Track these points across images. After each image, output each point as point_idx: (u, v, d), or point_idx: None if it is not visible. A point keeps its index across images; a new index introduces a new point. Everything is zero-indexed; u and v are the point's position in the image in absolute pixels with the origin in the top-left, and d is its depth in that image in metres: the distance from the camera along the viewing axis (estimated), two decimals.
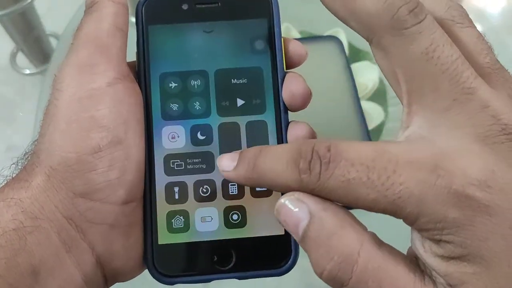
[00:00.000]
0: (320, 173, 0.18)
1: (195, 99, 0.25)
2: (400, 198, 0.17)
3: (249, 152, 0.21)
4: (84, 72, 0.23)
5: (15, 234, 0.21)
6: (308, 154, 0.18)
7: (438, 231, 0.17)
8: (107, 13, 0.24)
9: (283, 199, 0.19)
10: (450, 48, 0.18)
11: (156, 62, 0.26)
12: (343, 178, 0.18)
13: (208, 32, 0.26)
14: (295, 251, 0.25)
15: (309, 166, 0.18)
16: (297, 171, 0.19)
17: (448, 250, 0.17)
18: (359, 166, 0.18)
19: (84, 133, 0.22)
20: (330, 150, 0.18)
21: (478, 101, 0.18)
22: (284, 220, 0.19)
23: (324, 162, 0.18)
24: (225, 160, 0.21)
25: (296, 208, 0.19)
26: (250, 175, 0.20)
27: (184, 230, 0.25)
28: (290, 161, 0.19)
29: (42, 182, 0.22)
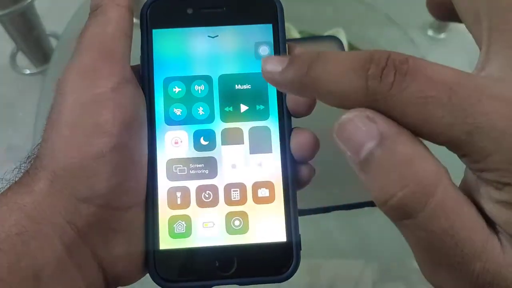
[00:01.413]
0: (393, 83, 0.16)
1: (199, 104, 0.25)
2: (478, 128, 0.15)
3: (304, 55, 0.18)
4: (88, 77, 0.23)
5: (18, 239, 0.21)
6: (382, 61, 0.16)
7: (509, 173, 0.16)
8: (112, 17, 0.24)
9: (350, 114, 0.17)
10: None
11: (160, 66, 0.25)
12: (421, 94, 0.16)
13: (213, 37, 0.26)
14: (296, 258, 0.25)
15: (381, 73, 0.16)
16: (364, 77, 0.16)
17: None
18: (441, 85, 0.16)
19: (87, 138, 0.22)
20: (408, 62, 0.16)
21: None
22: (347, 138, 0.17)
23: (400, 72, 0.16)
24: (272, 61, 0.19)
25: (364, 127, 0.16)
26: (302, 80, 0.18)
27: (186, 236, 0.25)
28: (358, 65, 0.16)
29: (45, 187, 0.22)
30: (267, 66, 0.19)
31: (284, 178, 0.25)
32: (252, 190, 0.25)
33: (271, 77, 0.19)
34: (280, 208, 0.25)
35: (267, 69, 0.19)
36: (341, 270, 0.61)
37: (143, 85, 0.25)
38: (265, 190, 0.25)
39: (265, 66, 0.19)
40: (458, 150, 0.16)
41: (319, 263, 0.60)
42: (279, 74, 0.19)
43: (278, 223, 0.25)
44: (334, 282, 0.60)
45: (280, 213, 0.25)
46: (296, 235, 0.25)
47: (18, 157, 0.25)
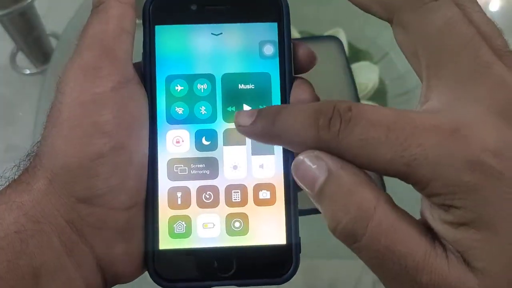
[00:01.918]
0: (339, 130, 0.18)
1: (201, 103, 0.25)
2: (415, 160, 0.17)
3: (269, 109, 0.21)
4: (88, 75, 0.23)
5: (17, 237, 0.21)
6: (329, 112, 0.19)
7: (450, 196, 0.17)
8: (113, 14, 0.24)
9: (301, 156, 0.20)
10: (467, 26, 0.19)
11: (162, 64, 0.25)
12: (362, 136, 0.18)
13: (217, 35, 0.25)
14: (295, 260, 0.25)
15: (329, 123, 0.19)
16: (316, 128, 0.19)
17: (457, 216, 0.17)
18: (379, 126, 0.18)
19: (87, 138, 0.22)
20: (351, 109, 0.18)
21: (495, 76, 0.18)
22: (301, 176, 0.20)
23: (345, 120, 0.18)
24: (243, 115, 0.22)
25: (314, 165, 0.19)
26: (268, 132, 0.21)
27: (186, 236, 0.25)
28: (310, 118, 0.19)
29: (44, 185, 0.22)
30: (239, 120, 0.22)
31: (285, 180, 0.25)
32: (253, 192, 0.25)
33: (243, 130, 0.22)
34: (281, 211, 0.25)
35: (239, 123, 0.22)
36: (341, 270, 0.61)
37: (144, 83, 0.25)
38: (266, 192, 0.25)
39: (237, 120, 0.22)
40: (405, 180, 0.18)
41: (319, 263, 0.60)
42: (250, 128, 0.21)
43: (278, 226, 0.25)
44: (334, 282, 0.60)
45: (281, 216, 0.25)
46: (296, 238, 0.25)
47: (18, 157, 0.25)
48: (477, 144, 0.17)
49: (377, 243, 0.18)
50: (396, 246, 0.18)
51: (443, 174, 0.17)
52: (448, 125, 0.18)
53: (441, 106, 0.19)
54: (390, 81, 0.60)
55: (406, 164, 0.18)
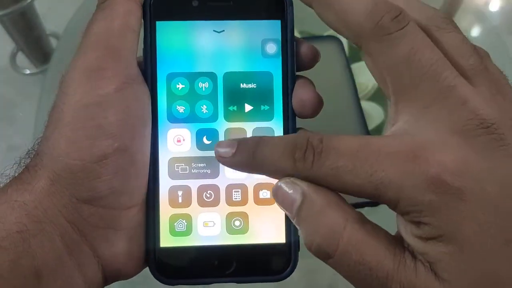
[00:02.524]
0: (312, 162, 0.20)
1: (203, 102, 0.25)
2: (382, 183, 0.19)
3: (248, 141, 0.22)
4: (92, 76, 0.23)
5: (19, 237, 0.21)
6: (303, 145, 0.20)
7: (417, 214, 0.19)
8: (119, 11, 0.24)
9: (279, 183, 0.21)
10: (430, 51, 0.20)
11: (163, 61, 0.25)
12: (332, 165, 0.20)
13: (219, 32, 0.25)
14: (294, 258, 0.25)
15: (304, 156, 0.20)
16: (292, 160, 0.20)
17: (425, 231, 0.19)
18: (346, 155, 0.19)
19: (90, 141, 0.22)
20: (322, 142, 0.20)
21: (457, 97, 0.19)
22: (280, 200, 0.21)
23: (317, 152, 0.20)
24: (224, 146, 0.22)
25: (290, 190, 0.21)
26: (249, 163, 0.22)
27: (186, 234, 0.25)
28: (287, 151, 0.21)
29: (46, 186, 0.22)
30: (219, 151, 0.22)
31: None
32: (254, 191, 0.25)
33: (225, 161, 0.22)
34: (281, 210, 0.25)
35: (220, 154, 0.22)
36: None
37: (145, 80, 0.25)
38: (267, 192, 0.25)
39: (218, 151, 0.22)
40: (377, 201, 0.19)
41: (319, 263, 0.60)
42: (231, 159, 0.22)
43: (277, 225, 0.25)
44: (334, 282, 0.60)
45: (281, 215, 0.25)
46: (295, 236, 0.25)
47: (18, 157, 0.25)
48: (437, 165, 0.18)
49: (349, 258, 0.19)
50: (366, 259, 0.19)
51: (407, 195, 0.19)
52: (409, 149, 0.19)
53: (406, 128, 0.20)
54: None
55: (374, 188, 0.19)
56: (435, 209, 0.18)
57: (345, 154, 0.20)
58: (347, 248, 0.20)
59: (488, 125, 0.19)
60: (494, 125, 0.19)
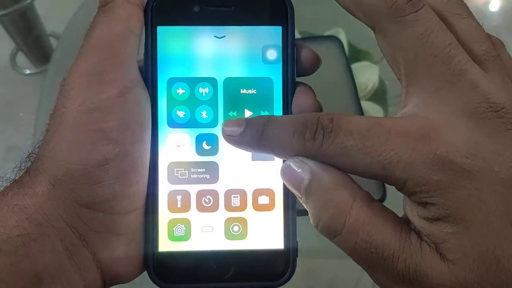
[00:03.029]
0: (322, 141, 0.20)
1: (203, 107, 0.25)
2: (390, 163, 0.19)
3: (257, 119, 0.22)
4: (94, 81, 0.23)
5: (20, 240, 0.21)
6: (314, 125, 0.20)
7: (424, 194, 0.19)
8: (121, 15, 0.23)
9: (288, 161, 0.21)
10: (444, 34, 0.20)
11: (164, 66, 0.25)
12: (342, 145, 0.20)
13: (220, 38, 0.25)
14: (292, 264, 0.25)
15: (314, 136, 0.20)
16: (302, 140, 0.20)
17: (432, 212, 0.19)
18: (356, 134, 0.19)
19: (91, 145, 0.22)
20: (332, 121, 0.20)
21: (468, 81, 0.19)
22: (289, 179, 0.21)
23: (327, 131, 0.20)
24: (231, 125, 0.22)
25: (299, 169, 0.21)
26: (257, 142, 0.22)
27: (185, 239, 0.25)
28: (297, 131, 0.21)
29: (46, 190, 0.22)
30: (227, 129, 0.22)
31: (284, 186, 0.25)
32: (253, 197, 0.25)
33: (232, 140, 0.22)
34: (279, 216, 0.25)
35: (227, 132, 0.22)
36: (341, 270, 0.61)
37: (146, 84, 0.24)
38: (266, 198, 0.25)
39: (225, 129, 0.23)
40: (385, 181, 0.20)
41: (319, 263, 0.60)
42: (239, 138, 0.22)
43: (276, 231, 0.25)
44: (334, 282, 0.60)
45: (279, 221, 0.25)
46: (293, 242, 0.25)
47: (18, 157, 0.25)
48: (446, 146, 0.19)
49: (355, 236, 0.20)
50: (372, 237, 0.19)
51: (415, 174, 0.19)
52: (419, 129, 0.19)
53: (416, 111, 0.20)
54: (390, 81, 0.60)
55: (382, 167, 0.19)
56: (442, 188, 0.18)
57: (355, 133, 0.20)
58: (353, 226, 0.20)
59: (498, 109, 0.19)
60: (504, 109, 0.19)
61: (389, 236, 0.19)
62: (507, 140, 0.19)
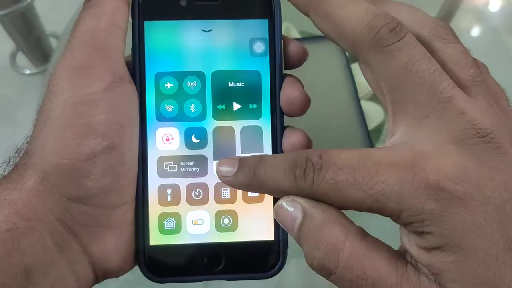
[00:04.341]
0: (313, 178, 0.20)
1: (191, 101, 0.25)
2: (382, 195, 0.19)
3: (249, 161, 0.22)
4: (80, 75, 0.23)
5: (8, 235, 0.21)
6: (303, 163, 0.20)
7: (419, 223, 0.19)
8: (106, 9, 0.23)
9: (280, 202, 0.21)
10: (428, 62, 0.20)
11: (151, 60, 0.25)
12: (333, 181, 0.20)
13: (207, 31, 0.25)
14: (283, 255, 0.25)
15: (304, 173, 0.20)
16: (293, 178, 0.20)
17: (429, 241, 0.19)
18: (346, 169, 0.20)
19: (79, 139, 0.22)
20: (321, 157, 0.20)
21: (454, 108, 0.19)
22: (282, 220, 0.21)
23: (317, 168, 0.20)
24: (225, 165, 0.22)
25: (291, 208, 0.21)
26: (250, 183, 0.22)
27: (176, 232, 0.25)
28: (287, 170, 0.21)
29: (35, 184, 0.22)
30: (220, 170, 0.22)
31: None
32: None
33: (226, 180, 0.22)
34: (269, 207, 0.25)
35: (221, 173, 0.22)
36: None
37: (134, 79, 0.25)
38: None
39: (219, 170, 0.23)
40: (380, 214, 0.20)
41: None
42: (233, 178, 0.22)
43: (266, 222, 0.25)
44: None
45: (269, 212, 0.25)
46: (284, 234, 0.25)
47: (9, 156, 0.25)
48: (436, 174, 0.19)
49: (350, 273, 0.19)
50: (367, 273, 0.19)
51: (409, 205, 0.19)
52: (408, 158, 0.19)
53: (405, 139, 0.20)
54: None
55: (375, 200, 0.19)
56: (436, 217, 0.18)
57: (344, 167, 0.20)
58: (348, 263, 0.19)
59: (484, 135, 0.19)
60: (491, 134, 0.19)
61: (386, 270, 0.19)
62: (496, 164, 0.19)
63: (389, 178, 0.19)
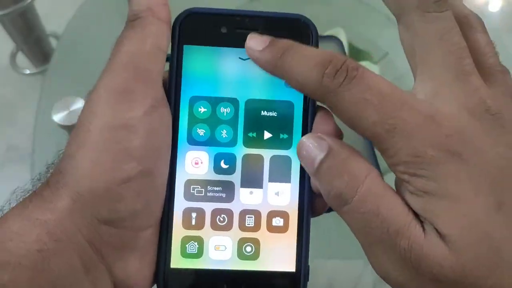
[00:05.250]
0: (342, 83, 0.20)
1: (223, 126, 0.25)
2: (395, 129, 0.20)
3: (281, 42, 0.22)
4: (121, 98, 0.22)
5: (39, 256, 0.21)
6: (338, 64, 0.20)
7: (414, 165, 0.20)
8: (151, 31, 0.23)
9: (306, 137, 0.22)
10: (459, 37, 0.21)
11: (187, 84, 0.25)
12: (360, 95, 0.20)
13: (244, 60, 0.25)
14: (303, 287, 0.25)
15: (335, 74, 0.20)
16: (321, 73, 0.20)
17: (420, 184, 0.20)
18: (376, 92, 0.20)
19: (116, 164, 0.22)
20: (358, 70, 0.20)
21: (472, 83, 0.21)
22: (304, 155, 0.22)
23: (350, 76, 0.20)
24: (255, 40, 0.22)
25: (316, 144, 0.22)
26: (275, 62, 0.22)
27: (197, 256, 0.25)
28: (319, 63, 0.21)
29: (68, 205, 0.22)
30: (250, 42, 0.22)
31: (300, 209, 0.25)
32: (267, 218, 0.25)
33: (252, 53, 0.23)
34: (293, 239, 0.25)
35: (250, 45, 0.22)
36: (341, 270, 0.61)
37: (168, 101, 0.24)
38: (280, 220, 0.25)
39: (249, 42, 0.23)
40: (380, 144, 0.20)
41: (319, 263, 0.60)
42: (259, 53, 0.22)
43: (289, 253, 0.25)
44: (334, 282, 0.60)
45: (292, 244, 0.25)
46: (305, 266, 0.25)
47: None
48: (448, 129, 0.20)
49: (364, 206, 0.20)
50: (380, 210, 0.20)
51: (412, 145, 0.20)
52: (428, 111, 0.20)
53: (425, 97, 0.21)
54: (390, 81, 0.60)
55: (386, 130, 0.20)
56: (434, 163, 0.19)
57: (375, 90, 0.20)
58: (365, 196, 0.20)
59: (493, 113, 0.20)
60: (498, 114, 0.20)
61: (397, 212, 0.20)
62: (500, 139, 0.20)
63: (408, 118, 0.20)
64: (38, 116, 0.59)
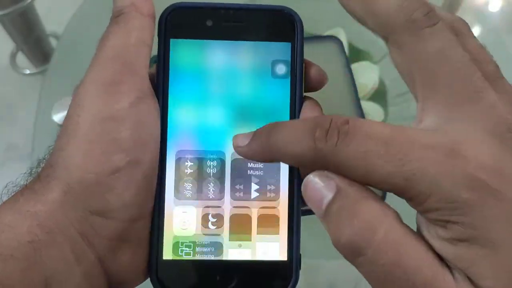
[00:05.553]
0: (337, 142, 0.18)
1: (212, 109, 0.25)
2: (414, 175, 0.17)
3: (263, 128, 0.21)
4: (108, 91, 0.23)
5: (30, 247, 0.21)
6: (326, 124, 0.19)
7: (448, 211, 0.17)
8: (135, 25, 0.24)
9: (311, 175, 0.20)
10: (462, 50, 0.19)
11: (176, 77, 0.25)
12: (361, 149, 0.18)
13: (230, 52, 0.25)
14: (295, 276, 0.25)
15: (326, 135, 0.19)
16: (312, 139, 0.19)
17: (456, 232, 0.17)
18: (377, 140, 0.18)
19: (105, 155, 0.22)
20: (348, 123, 0.18)
21: (487, 100, 0.19)
22: (310, 195, 0.20)
23: (342, 132, 0.18)
24: (239, 138, 0.22)
25: (323, 183, 0.19)
26: (264, 148, 0.21)
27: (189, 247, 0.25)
28: (306, 131, 0.19)
29: (58, 197, 0.22)
30: (235, 142, 0.22)
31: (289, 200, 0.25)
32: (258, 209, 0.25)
33: (241, 151, 0.22)
34: (284, 228, 0.25)
35: (236, 144, 0.22)
36: (341, 271, 0.61)
37: (157, 94, 0.25)
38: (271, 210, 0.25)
39: (234, 142, 0.22)
40: (402, 195, 0.18)
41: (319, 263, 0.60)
42: (247, 147, 0.21)
43: (280, 243, 0.25)
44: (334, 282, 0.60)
45: (283, 233, 0.25)
46: (297, 254, 0.25)
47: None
48: (476, 163, 0.17)
49: (384, 257, 0.18)
50: (404, 261, 0.18)
51: (442, 190, 0.17)
52: (446, 144, 0.18)
53: (437, 126, 0.19)
54: (390, 81, 0.60)
55: (405, 178, 0.18)
56: (469, 207, 0.17)
57: (375, 138, 0.18)
58: (383, 245, 0.18)
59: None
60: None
61: (422, 261, 0.18)
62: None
63: (425, 158, 0.17)
64: (38, 116, 0.59)
